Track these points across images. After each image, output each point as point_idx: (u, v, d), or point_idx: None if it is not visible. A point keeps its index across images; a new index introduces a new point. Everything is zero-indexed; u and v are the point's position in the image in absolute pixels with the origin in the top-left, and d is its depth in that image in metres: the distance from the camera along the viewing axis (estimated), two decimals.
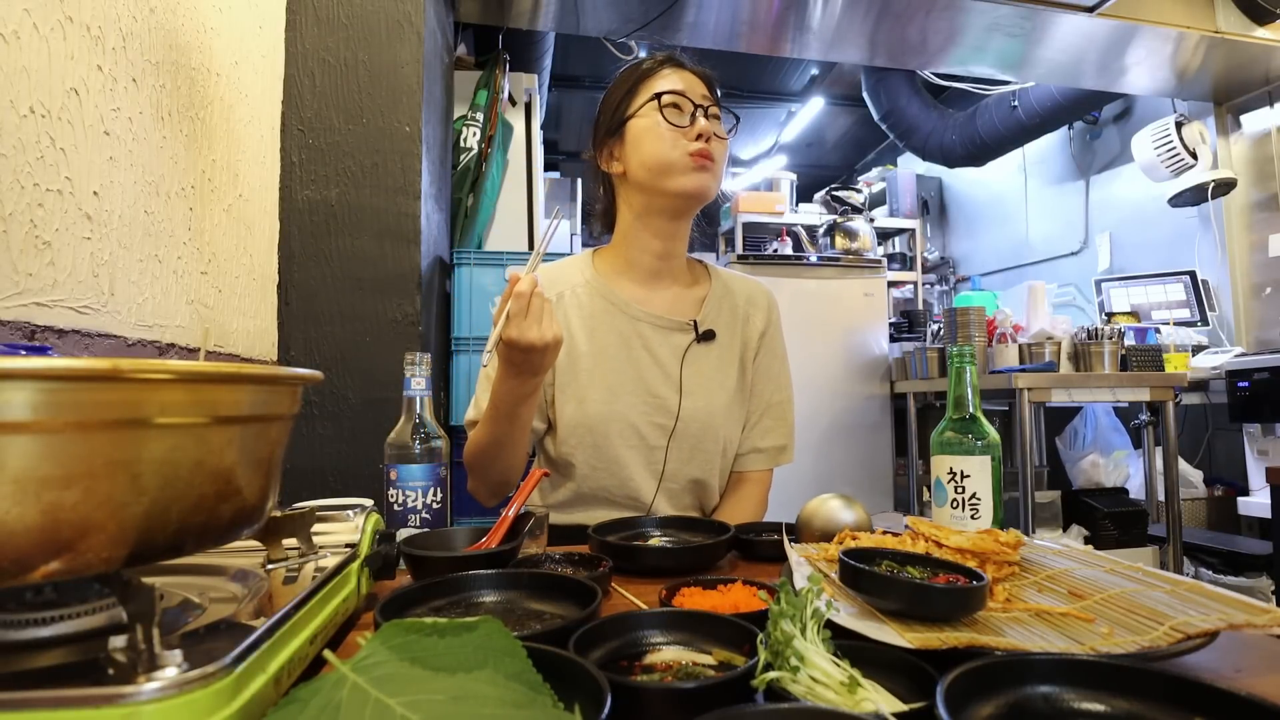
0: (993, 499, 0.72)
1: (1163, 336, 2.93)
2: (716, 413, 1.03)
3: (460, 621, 0.36)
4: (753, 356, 1.09)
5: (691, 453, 1.02)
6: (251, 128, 1.31)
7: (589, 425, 0.99)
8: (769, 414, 1.10)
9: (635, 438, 1.00)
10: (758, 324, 1.10)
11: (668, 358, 1.03)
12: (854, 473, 3.16)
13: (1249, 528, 2.82)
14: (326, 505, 0.61)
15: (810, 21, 2.53)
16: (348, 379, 1.47)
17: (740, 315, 1.10)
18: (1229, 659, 0.48)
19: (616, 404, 1.00)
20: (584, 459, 1.00)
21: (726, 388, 1.05)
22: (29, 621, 0.34)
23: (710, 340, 1.05)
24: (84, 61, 0.79)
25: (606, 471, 1.00)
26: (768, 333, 1.11)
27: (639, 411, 1.01)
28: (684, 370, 1.03)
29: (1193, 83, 3.05)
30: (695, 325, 1.05)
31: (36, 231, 0.72)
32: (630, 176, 1.01)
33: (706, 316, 1.07)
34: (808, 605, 0.40)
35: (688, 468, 1.03)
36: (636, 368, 1.02)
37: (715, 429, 1.03)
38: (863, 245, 3.54)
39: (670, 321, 1.04)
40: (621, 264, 1.07)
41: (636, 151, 0.99)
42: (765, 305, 1.13)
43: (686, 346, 1.04)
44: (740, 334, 1.09)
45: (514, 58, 2.44)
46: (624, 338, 1.03)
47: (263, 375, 0.41)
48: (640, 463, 1.01)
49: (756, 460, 1.09)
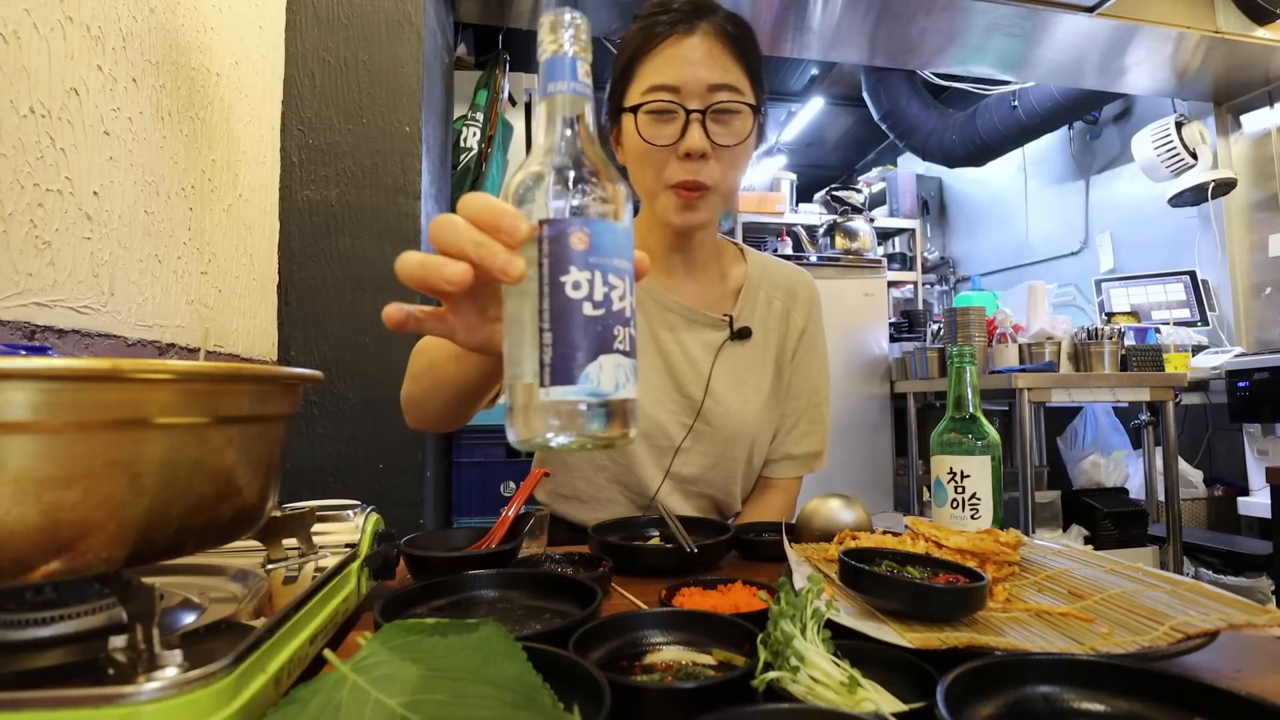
0: (993, 499, 0.72)
1: (1163, 336, 2.94)
2: (749, 419, 0.95)
3: (460, 622, 0.36)
4: (790, 356, 1.00)
5: (717, 459, 0.95)
6: (251, 128, 1.31)
7: None
8: (805, 417, 1.01)
9: (662, 438, 0.93)
10: (798, 321, 1.01)
11: (700, 355, 0.94)
12: (854, 473, 3.17)
13: (1249, 528, 2.83)
14: (326, 505, 0.61)
15: (810, 21, 2.53)
16: (348, 379, 1.47)
17: (779, 311, 1.00)
18: (1229, 659, 0.48)
19: (642, 399, 0.90)
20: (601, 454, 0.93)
21: (761, 391, 0.97)
22: (29, 621, 0.34)
23: (745, 339, 0.96)
24: (84, 61, 0.79)
25: (624, 468, 0.93)
26: (808, 330, 1.01)
27: (666, 410, 0.93)
28: (715, 370, 0.94)
29: (1193, 83, 3.05)
30: (730, 321, 0.95)
31: (36, 231, 0.72)
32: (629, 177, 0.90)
33: (742, 311, 0.97)
34: (808, 605, 0.40)
35: (711, 474, 0.95)
36: (666, 362, 0.94)
37: (746, 436, 0.95)
38: (863, 245, 3.54)
39: (703, 315, 0.95)
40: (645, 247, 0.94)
41: (628, 157, 0.87)
42: (807, 299, 1.02)
43: (720, 344, 0.95)
44: (779, 332, 0.99)
45: (514, 58, 2.45)
46: (653, 326, 0.94)
47: (263, 375, 0.41)
48: (660, 464, 0.93)
49: (788, 468, 1.01)
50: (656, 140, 0.81)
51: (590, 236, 0.36)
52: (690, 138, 0.80)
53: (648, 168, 0.84)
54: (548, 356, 0.35)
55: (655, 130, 0.81)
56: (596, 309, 0.35)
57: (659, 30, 0.82)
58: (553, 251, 0.35)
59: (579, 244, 0.35)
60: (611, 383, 0.35)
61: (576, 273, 0.35)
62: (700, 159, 0.81)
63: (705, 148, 0.80)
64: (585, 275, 0.35)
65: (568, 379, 0.35)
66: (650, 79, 0.81)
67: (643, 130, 0.81)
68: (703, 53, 0.80)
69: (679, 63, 0.80)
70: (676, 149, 0.81)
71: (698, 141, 0.80)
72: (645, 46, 0.83)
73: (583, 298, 0.35)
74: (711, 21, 0.82)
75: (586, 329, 0.35)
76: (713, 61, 0.81)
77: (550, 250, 0.35)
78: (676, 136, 0.81)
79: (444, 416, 0.74)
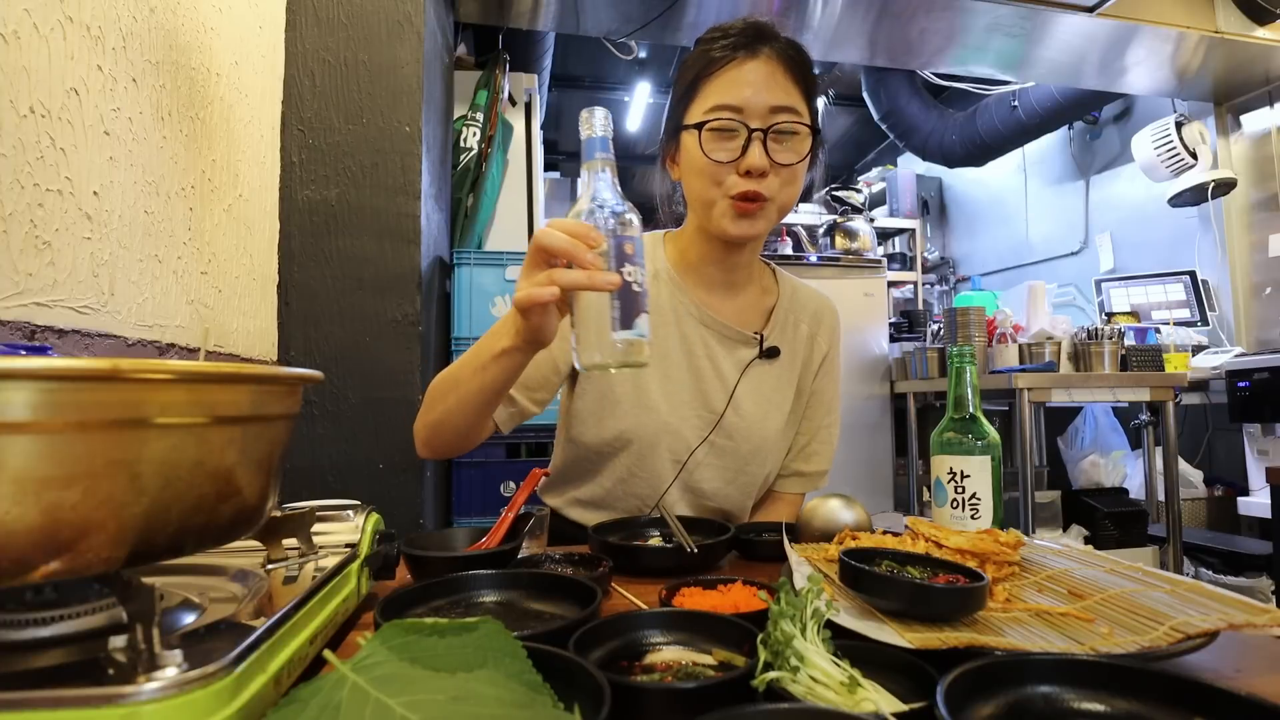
0: (993, 499, 0.72)
1: (1163, 336, 2.93)
2: (770, 435, 0.98)
3: (460, 621, 0.36)
4: (811, 379, 1.04)
5: (735, 474, 0.97)
6: (251, 128, 1.31)
7: (639, 434, 0.92)
8: (818, 438, 1.05)
9: (684, 451, 0.94)
10: (822, 346, 1.04)
11: (729, 371, 0.97)
12: (854, 473, 3.16)
13: (1249, 528, 2.82)
14: (326, 505, 0.61)
15: (810, 21, 2.53)
16: (348, 379, 1.47)
17: (805, 335, 1.03)
18: (1229, 659, 0.48)
19: (672, 416, 0.94)
20: (624, 461, 0.94)
21: (782, 410, 1.00)
22: (29, 621, 0.34)
23: (773, 358, 0.99)
24: (84, 61, 0.79)
25: (644, 480, 0.94)
26: (830, 355, 1.05)
27: (692, 426, 0.95)
28: (740, 386, 0.96)
29: (1193, 83, 3.05)
30: (760, 339, 0.98)
31: (36, 231, 0.72)
32: (685, 192, 0.94)
33: (772, 331, 1.00)
34: (808, 605, 0.40)
35: (729, 489, 0.97)
36: (697, 377, 0.96)
37: (765, 452, 0.98)
38: (863, 245, 3.54)
39: (736, 332, 0.97)
40: (689, 264, 0.98)
41: (685, 174, 0.90)
42: (831, 325, 1.06)
43: (749, 361, 0.97)
44: (803, 355, 1.03)
45: (514, 58, 2.45)
46: (688, 342, 0.96)
47: (263, 375, 0.41)
48: (682, 479, 0.95)
49: (795, 484, 1.05)
50: (718, 156, 0.84)
51: (633, 245, 0.58)
52: (751, 155, 0.82)
53: (708, 181, 0.86)
54: (617, 314, 0.57)
55: (717, 146, 0.84)
56: (638, 287, 0.58)
57: (721, 54, 0.85)
58: (616, 255, 0.58)
59: (629, 249, 0.58)
60: (644, 327, 0.58)
61: (629, 267, 0.58)
62: (760, 177, 0.84)
63: (765, 166, 0.83)
64: (631, 268, 0.58)
65: (629, 326, 0.57)
66: (713, 99, 0.84)
67: (705, 146, 0.84)
68: (764, 75, 0.83)
69: (741, 84, 0.83)
70: (738, 165, 0.84)
71: (759, 160, 0.82)
72: (708, 69, 0.86)
73: (632, 280, 0.57)
74: (774, 46, 0.85)
75: (634, 299, 0.58)
76: (774, 84, 0.84)
77: (616, 254, 0.58)
78: (738, 153, 0.83)
79: (461, 429, 0.83)
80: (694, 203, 0.91)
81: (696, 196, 0.89)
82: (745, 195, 0.84)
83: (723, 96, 0.84)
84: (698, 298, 0.98)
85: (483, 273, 1.87)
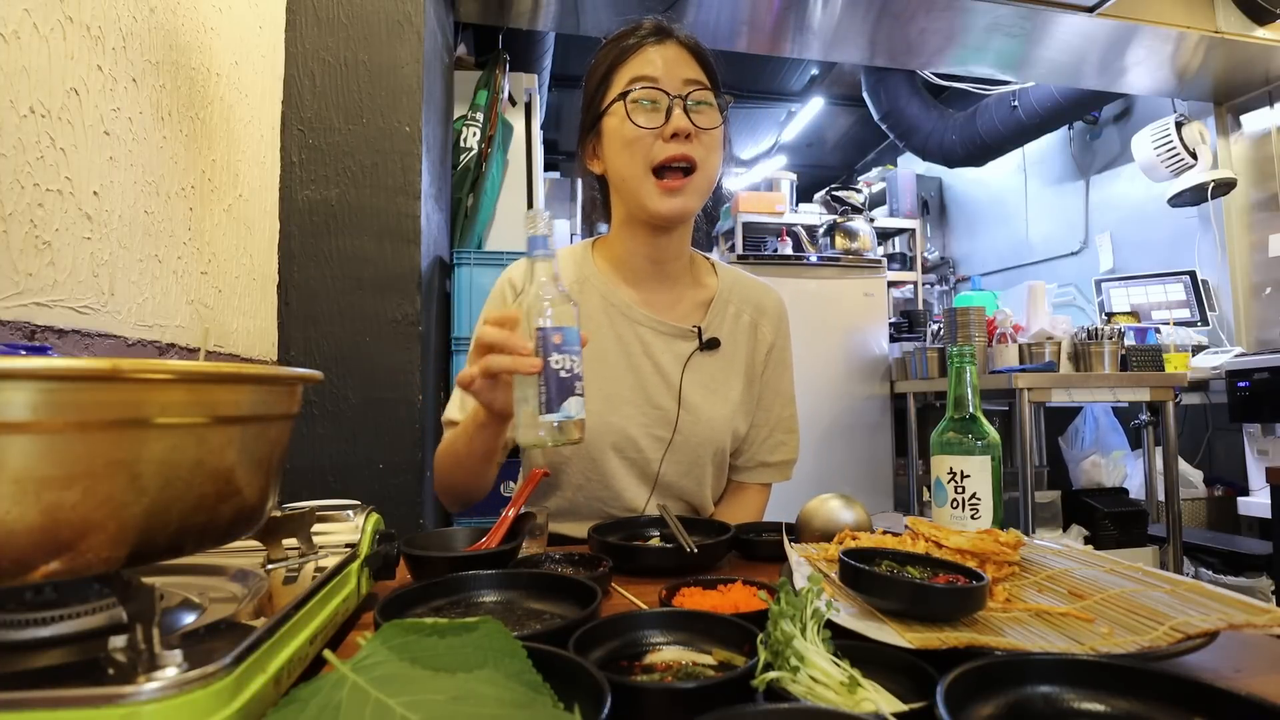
0: (993, 499, 0.72)
1: (1163, 336, 2.93)
2: (718, 426, 0.99)
3: (460, 621, 0.36)
4: (760, 371, 1.04)
5: (689, 466, 0.98)
6: (251, 128, 1.31)
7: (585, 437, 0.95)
8: (780, 428, 1.05)
9: (633, 450, 0.96)
10: (767, 336, 1.05)
11: (669, 365, 0.98)
12: (854, 473, 3.16)
13: (1249, 528, 2.82)
14: (326, 505, 0.61)
15: (810, 21, 2.53)
16: (348, 379, 1.47)
17: (747, 324, 1.04)
18: (1229, 659, 0.48)
19: (614, 415, 0.95)
20: (578, 469, 0.96)
21: (730, 400, 1.01)
22: (29, 621, 0.34)
23: (714, 349, 1.00)
24: (84, 61, 0.79)
25: (600, 484, 0.96)
26: (777, 344, 1.06)
27: (637, 424, 0.96)
28: (685, 379, 0.98)
29: (1193, 83, 3.05)
30: (699, 332, 1.00)
31: (36, 231, 0.72)
32: (610, 181, 0.96)
33: (711, 323, 1.01)
34: (808, 605, 0.40)
35: (684, 480, 0.99)
36: (637, 376, 0.97)
37: (714, 442, 0.99)
38: (863, 245, 3.54)
39: (672, 327, 0.99)
40: (619, 261, 1.01)
41: (610, 157, 0.93)
42: (775, 315, 1.07)
43: (689, 354, 0.99)
44: (747, 345, 1.04)
45: (514, 58, 2.44)
46: (624, 342, 0.98)
47: (263, 375, 0.41)
48: (635, 475, 0.97)
49: (762, 474, 1.05)
50: (643, 122, 0.88)
51: (562, 335, 0.65)
52: (676, 118, 0.88)
53: (636, 154, 0.89)
54: (544, 398, 0.64)
55: (641, 115, 0.89)
56: (566, 374, 0.64)
57: (634, 42, 0.92)
58: (544, 345, 0.64)
59: (557, 339, 0.64)
60: (575, 410, 0.64)
61: (557, 355, 0.64)
62: (685, 139, 0.88)
63: (690, 127, 0.88)
64: (559, 356, 0.64)
65: (554, 410, 0.64)
66: (631, 74, 0.90)
67: (632, 116, 0.89)
68: (674, 55, 0.91)
69: (656, 61, 0.90)
70: (663, 131, 0.88)
71: (684, 121, 0.88)
72: (622, 57, 0.93)
73: (560, 368, 0.64)
74: (679, 37, 0.94)
75: (561, 384, 0.64)
76: (684, 62, 0.91)
77: (542, 344, 0.64)
78: (662, 122, 0.88)
79: (470, 482, 0.90)
80: (621, 187, 0.94)
81: (624, 177, 0.91)
82: (674, 159, 0.88)
83: (640, 70, 0.90)
84: (630, 296, 1.00)
85: (483, 273, 1.87)
